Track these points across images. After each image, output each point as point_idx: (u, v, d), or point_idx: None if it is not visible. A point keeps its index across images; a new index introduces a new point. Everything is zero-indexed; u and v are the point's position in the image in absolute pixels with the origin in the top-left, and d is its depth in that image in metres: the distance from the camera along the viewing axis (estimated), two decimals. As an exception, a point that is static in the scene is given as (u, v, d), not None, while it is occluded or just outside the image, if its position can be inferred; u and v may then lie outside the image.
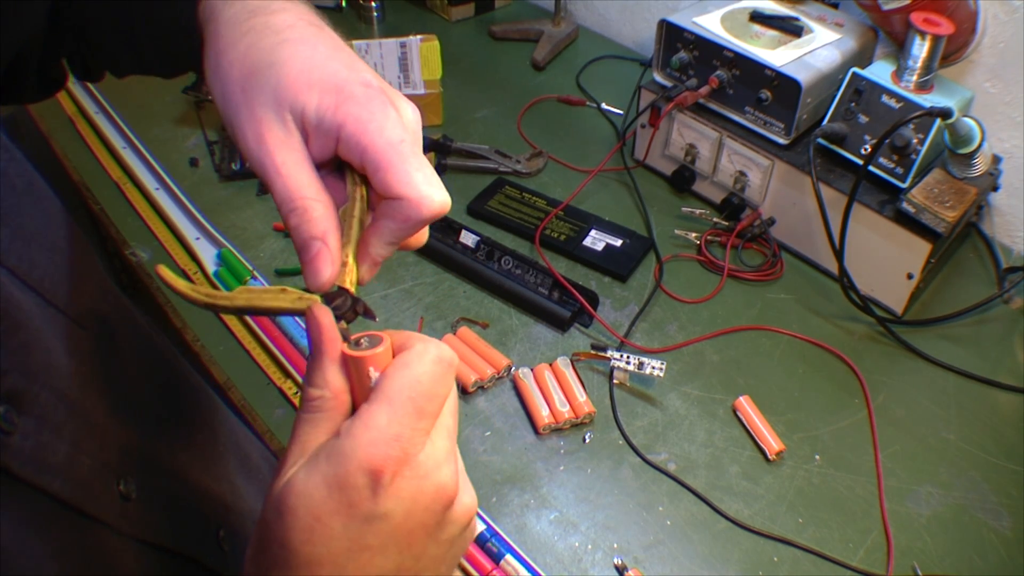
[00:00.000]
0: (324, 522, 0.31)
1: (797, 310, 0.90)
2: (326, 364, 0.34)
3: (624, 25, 1.37)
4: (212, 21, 0.40)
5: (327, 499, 0.31)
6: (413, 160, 0.35)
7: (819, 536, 0.69)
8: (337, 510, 0.31)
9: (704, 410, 0.79)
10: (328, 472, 0.31)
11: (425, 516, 0.32)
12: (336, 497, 0.31)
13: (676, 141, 1.02)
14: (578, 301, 0.86)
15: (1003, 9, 0.90)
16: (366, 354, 0.33)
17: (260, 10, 0.39)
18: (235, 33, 0.38)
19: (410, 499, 0.32)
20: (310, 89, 0.36)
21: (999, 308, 0.92)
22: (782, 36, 0.95)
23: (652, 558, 0.67)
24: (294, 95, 0.36)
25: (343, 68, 0.37)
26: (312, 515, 0.31)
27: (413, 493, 0.32)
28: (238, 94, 0.37)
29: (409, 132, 0.37)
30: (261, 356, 0.81)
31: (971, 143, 0.81)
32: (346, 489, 0.31)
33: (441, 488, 0.32)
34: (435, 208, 0.36)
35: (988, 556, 0.68)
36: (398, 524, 0.32)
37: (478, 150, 1.08)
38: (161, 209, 0.96)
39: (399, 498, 0.31)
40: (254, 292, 0.37)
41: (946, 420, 0.79)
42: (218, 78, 0.38)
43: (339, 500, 0.31)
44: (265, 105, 0.36)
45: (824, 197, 0.85)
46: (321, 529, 0.31)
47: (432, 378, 0.33)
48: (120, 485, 0.38)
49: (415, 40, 1.08)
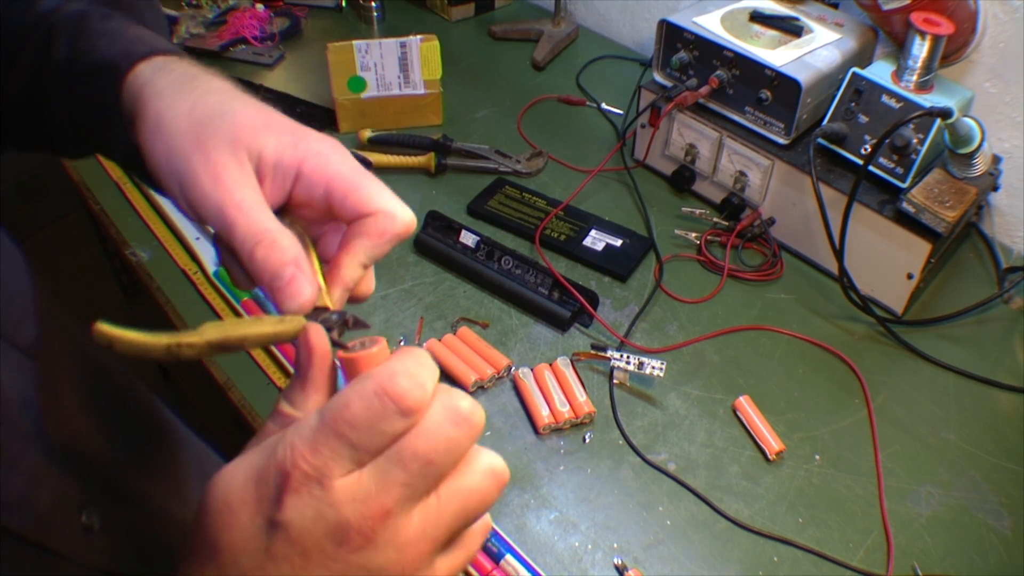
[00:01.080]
0: (232, 509, 0.30)
1: (797, 310, 0.90)
2: (309, 389, 0.33)
3: (624, 25, 1.37)
4: (147, 87, 0.39)
5: (242, 488, 0.30)
6: (377, 182, 0.38)
7: (819, 536, 0.69)
8: (246, 501, 0.30)
9: (704, 410, 0.79)
10: (252, 462, 0.30)
11: (326, 545, 0.29)
12: (250, 488, 0.30)
13: (676, 141, 1.02)
14: (578, 301, 0.86)
15: (1003, 9, 0.90)
16: (362, 355, 0.32)
17: (199, 77, 0.40)
18: (178, 93, 0.39)
19: (311, 519, 0.29)
20: (267, 131, 0.37)
21: (999, 308, 0.92)
22: (782, 36, 0.95)
23: (652, 558, 0.67)
24: (251, 137, 0.37)
25: (292, 119, 0.39)
26: (224, 500, 0.30)
27: (314, 514, 0.29)
28: (189, 143, 0.37)
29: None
30: (261, 356, 0.81)
31: (971, 143, 0.81)
32: (259, 484, 0.30)
33: (341, 524, 0.29)
34: (407, 221, 0.37)
35: (988, 556, 0.68)
36: (294, 539, 0.29)
37: (478, 150, 1.08)
38: (161, 209, 0.97)
39: (300, 512, 0.29)
40: (226, 324, 0.34)
41: (946, 420, 0.79)
42: (161, 134, 0.38)
43: (251, 492, 0.30)
44: (220, 148, 0.36)
45: (824, 197, 0.85)
46: (228, 515, 0.30)
47: (363, 406, 0.29)
48: (82, 517, 0.37)
49: (415, 40, 1.08)
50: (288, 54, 1.30)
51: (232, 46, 1.28)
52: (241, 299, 0.85)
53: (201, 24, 1.31)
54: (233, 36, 1.29)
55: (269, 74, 1.25)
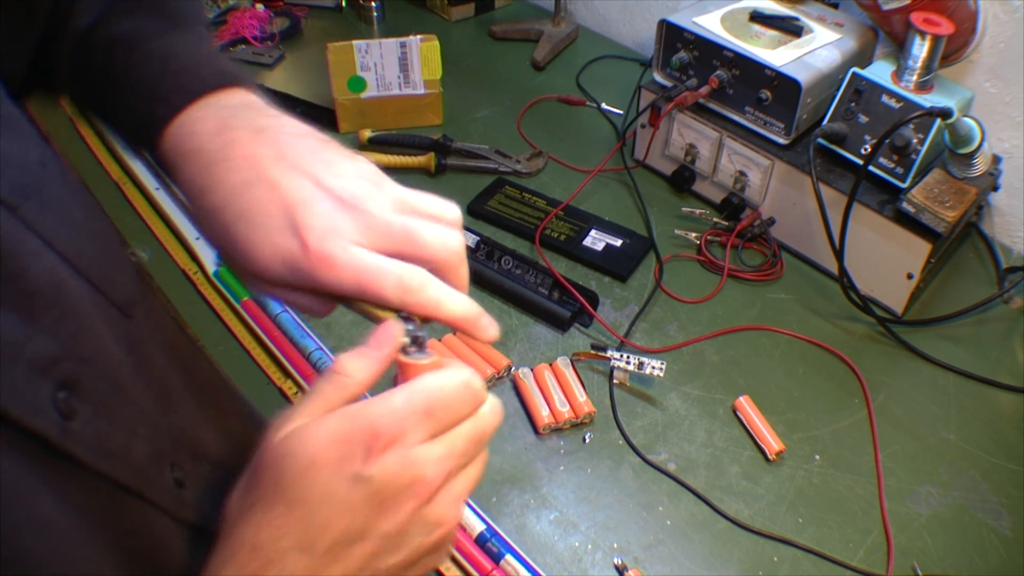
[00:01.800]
0: (317, 467, 0.33)
1: (797, 310, 0.90)
2: (375, 361, 0.38)
3: (624, 25, 1.37)
4: (182, 158, 0.41)
5: (326, 448, 0.34)
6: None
7: (819, 536, 0.69)
8: (330, 461, 0.34)
9: (704, 410, 0.79)
10: (334, 427, 0.34)
11: (400, 497, 0.35)
12: (334, 449, 0.34)
13: (676, 141, 1.02)
14: (578, 301, 0.86)
15: (1003, 9, 0.90)
16: (419, 363, 0.38)
17: (233, 142, 0.40)
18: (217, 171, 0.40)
19: (392, 474, 0.34)
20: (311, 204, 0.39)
21: (999, 308, 0.92)
22: (782, 36, 0.95)
23: (652, 558, 0.67)
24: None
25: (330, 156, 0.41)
26: (309, 458, 0.34)
27: (396, 471, 0.34)
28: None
29: (367, 183, 0.40)
30: (261, 356, 0.81)
31: (971, 143, 0.81)
32: (344, 444, 0.34)
33: (418, 479, 0.35)
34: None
35: (988, 556, 0.68)
36: (375, 491, 0.34)
37: (478, 150, 1.08)
38: (161, 209, 0.97)
39: (383, 468, 0.34)
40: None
41: (946, 420, 0.79)
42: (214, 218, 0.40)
43: (336, 452, 0.34)
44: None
45: (824, 197, 0.85)
46: (312, 473, 0.33)
47: (453, 392, 0.36)
48: (174, 471, 0.38)
49: (415, 40, 1.08)
50: (288, 54, 1.30)
51: (232, 46, 1.28)
52: (241, 299, 0.85)
53: (201, 24, 1.31)
54: (233, 36, 1.29)
55: (269, 74, 1.25)
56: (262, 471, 0.35)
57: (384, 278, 0.38)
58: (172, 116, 0.41)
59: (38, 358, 0.30)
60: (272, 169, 0.39)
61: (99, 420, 0.33)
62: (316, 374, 0.78)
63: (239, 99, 0.43)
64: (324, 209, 0.38)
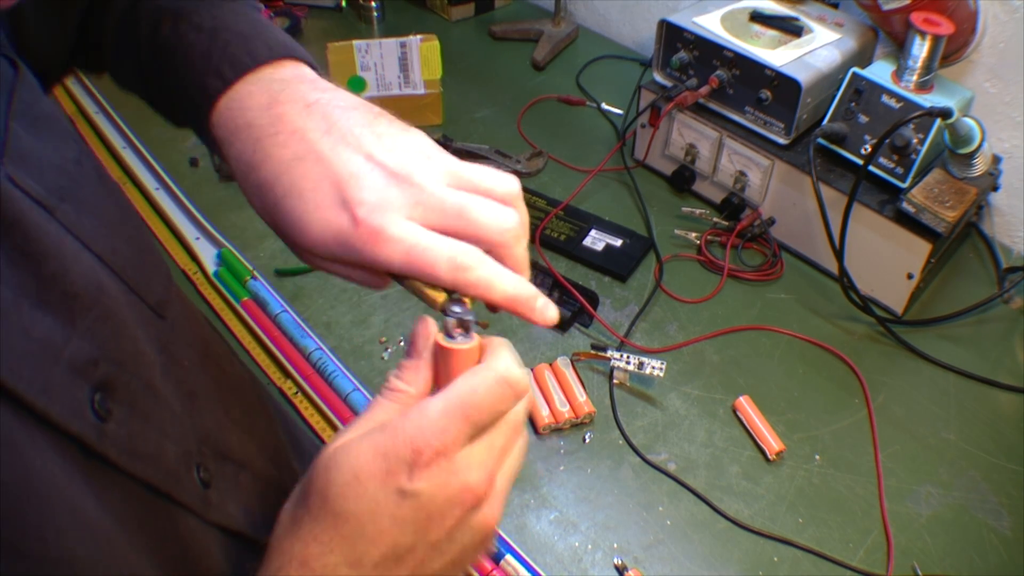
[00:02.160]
0: (361, 481, 0.33)
1: (797, 310, 0.90)
2: (420, 366, 0.38)
3: (624, 25, 1.37)
4: (229, 138, 0.40)
5: (370, 462, 0.34)
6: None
7: (819, 536, 0.69)
8: (375, 474, 0.33)
9: (704, 410, 0.79)
10: (378, 440, 0.34)
11: (446, 507, 0.34)
12: (378, 463, 0.33)
13: (676, 141, 1.02)
14: (578, 301, 0.86)
15: (1003, 9, 0.90)
16: (453, 347, 0.37)
17: (279, 120, 0.39)
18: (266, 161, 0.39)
19: (438, 486, 0.34)
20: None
21: (999, 308, 0.92)
22: (782, 36, 0.95)
23: (652, 558, 0.67)
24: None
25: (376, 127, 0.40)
26: (353, 472, 0.34)
27: (442, 482, 0.34)
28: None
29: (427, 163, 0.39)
30: (261, 356, 0.81)
31: (971, 143, 0.81)
32: (388, 458, 0.33)
33: (467, 488, 0.35)
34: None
35: (988, 556, 0.68)
36: (422, 505, 0.34)
37: (478, 150, 1.08)
38: (161, 209, 0.97)
39: (430, 481, 0.34)
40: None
41: (946, 420, 0.79)
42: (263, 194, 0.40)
43: (380, 466, 0.33)
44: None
45: (824, 197, 0.85)
46: (357, 487, 0.33)
47: (488, 392, 0.35)
48: (200, 472, 0.38)
49: (415, 40, 1.08)
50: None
51: (232, 46, 1.28)
52: (241, 299, 0.85)
53: (201, 24, 1.31)
54: (233, 36, 1.28)
55: (269, 74, 1.25)
56: (311, 483, 0.35)
57: (436, 255, 0.37)
58: (224, 89, 0.40)
59: (77, 360, 0.30)
60: (322, 142, 0.38)
61: (133, 422, 0.33)
62: (316, 374, 0.78)
63: (290, 72, 0.42)
64: (374, 183, 0.37)
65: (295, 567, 0.34)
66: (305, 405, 0.76)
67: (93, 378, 0.31)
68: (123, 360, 0.34)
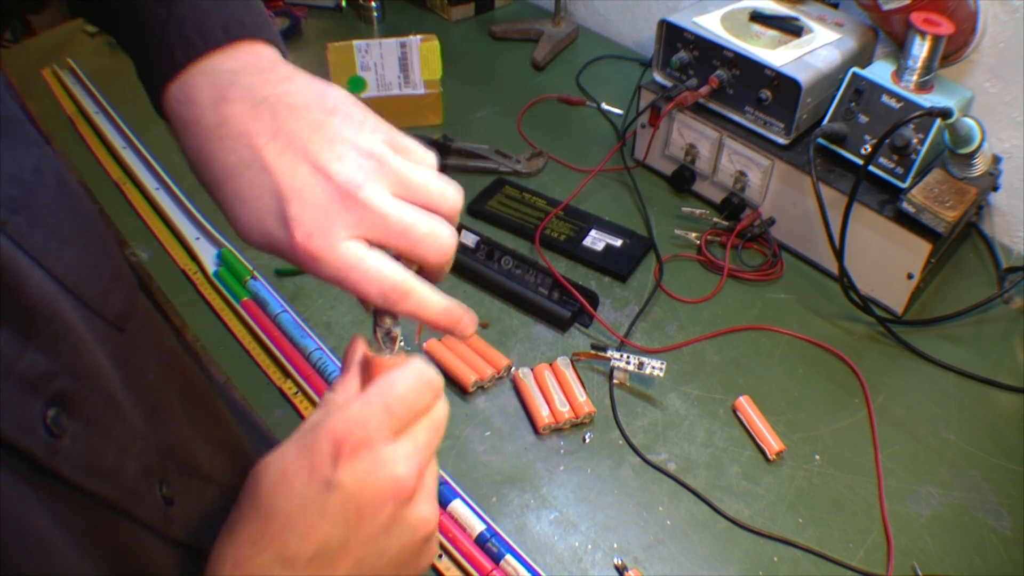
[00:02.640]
0: (288, 477, 0.34)
1: (797, 310, 0.90)
2: (350, 378, 0.40)
3: (624, 25, 1.37)
4: (185, 128, 0.40)
5: (294, 459, 0.35)
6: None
7: (819, 536, 0.69)
8: (300, 470, 0.34)
9: (704, 410, 0.79)
10: (301, 439, 0.35)
11: (376, 500, 0.35)
12: (302, 459, 0.35)
13: (676, 141, 1.02)
14: (578, 301, 0.86)
15: (1003, 9, 0.90)
16: (381, 359, 0.39)
17: (228, 117, 0.39)
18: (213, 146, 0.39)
19: (364, 476, 0.34)
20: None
21: (999, 308, 0.92)
22: (782, 36, 0.95)
23: (652, 558, 0.67)
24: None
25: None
26: (280, 471, 0.35)
27: (367, 471, 0.35)
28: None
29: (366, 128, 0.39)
30: (261, 356, 0.81)
31: (971, 143, 0.81)
32: (311, 453, 0.34)
33: (394, 480, 0.35)
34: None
35: (988, 556, 0.68)
36: (349, 496, 0.34)
37: (478, 150, 1.08)
38: (161, 209, 0.97)
39: (354, 472, 0.34)
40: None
41: (946, 420, 0.79)
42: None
43: (304, 462, 0.34)
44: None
45: (824, 197, 0.85)
46: (284, 484, 0.34)
47: (407, 385, 0.37)
48: (163, 488, 0.38)
49: (415, 40, 1.08)
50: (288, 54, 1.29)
51: (232, 46, 1.28)
52: (241, 299, 0.85)
53: (201, 24, 1.31)
54: (233, 36, 1.28)
55: (269, 74, 1.25)
56: (244, 490, 0.36)
57: (368, 285, 0.38)
58: (173, 76, 0.39)
59: (30, 374, 0.30)
60: (267, 149, 0.37)
61: (90, 437, 0.32)
62: (316, 374, 0.78)
63: (244, 59, 0.40)
64: (316, 201, 0.37)
65: (229, 567, 0.34)
66: (305, 405, 0.76)
67: (48, 392, 0.31)
68: (82, 374, 0.33)
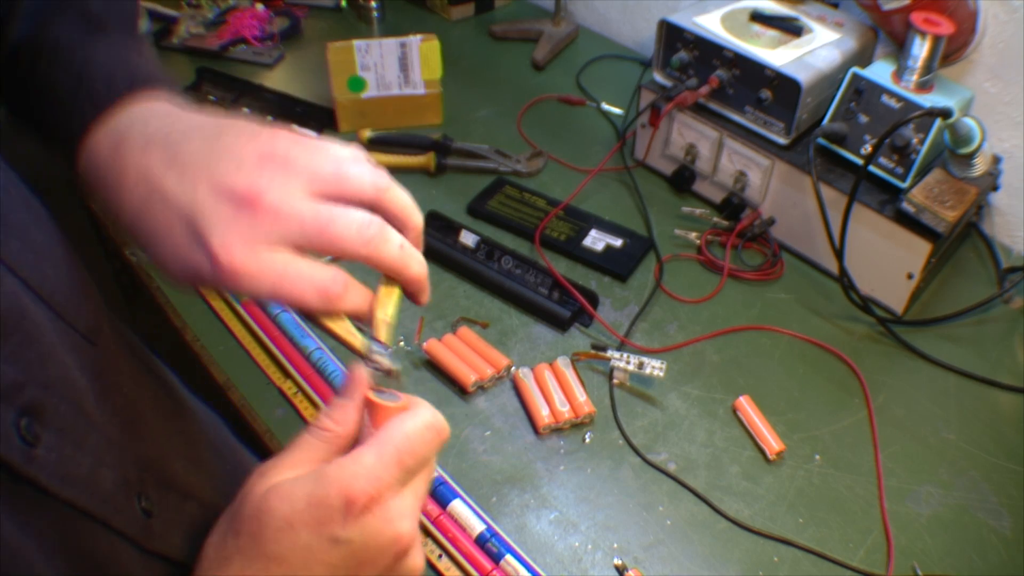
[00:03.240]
0: (295, 528, 0.34)
1: (797, 310, 0.90)
2: (350, 408, 0.38)
3: (624, 25, 1.37)
4: (100, 177, 0.39)
5: (304, 511, 0.34)
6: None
7: (819, 536, 0.69)
8: (308, 522, 0.34)
9: (704, 410, 0.79)
10: (312, 489, 0.34)
11: (377, 555, 0.35)
12: (312, 511, 0.34)
13: (676, 141, 1.02)
14: (578, 301, 0.86)
15: (1003, 9, 0.90)
16: (387, 405, 0.38)
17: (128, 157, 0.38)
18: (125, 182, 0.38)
19: (371, 534, 0.35)
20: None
21: (999, 308, 0.92)
22: (782, 36, 0.95)
23: (652, 558, 0.67)
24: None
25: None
26: (287, 519, 0.34)
27: (375, 531, 0.35)
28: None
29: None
30: (261, 356, 0.81)
31: (971, 143, 0.81)
32: (322, 507, 0.34)
33: (398, 537, 0.35)
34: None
35: (988, 556, 0.68)
36: (354, 552, 0.35)
37: (478, 150, 1.08)
38: (161, 209, 0.96)
39: (363, 530, 0.34)
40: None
41: (946, 420, 0.79)
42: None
43: (313, 515, 0.34)
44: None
45: (824, 197, 0.85)
46: (290, 534, 0.34)
47: (420, 438, 0.36)
48: (141, 501, 0.38)
49: (415, 40, 1.08)
50: (288, 54, 1.30)
51: (232, 46, 1.28)
52: (241, 300, 0.85)
53: (201, 24, 1.31)
54: (233, 36, 1.28)
55: (269, 74, 1.25)
56: (242, 522, 0.35)
57: (302, 289, 0.36)
58: (79, 143, 0.39)
59: (0, 384, 0.30)
60: (165, 179, 0.36)
61: (64, 447, 0.32)
62: (316, 374, 0.78)
63: (139, 107, 0.40)
64: (223, 216, 0.35)
65: None
66: (305, 405, 0.76)
67: (19, 402, 0.30)
68: (51, 385, 0.33)
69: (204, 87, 1.11)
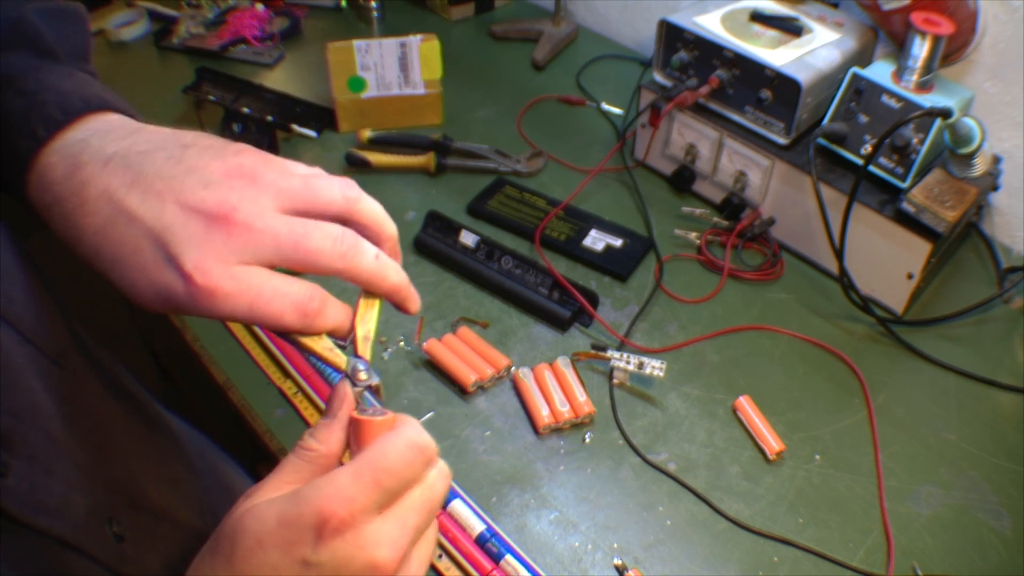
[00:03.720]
0: (265, 549, 0.33)
1: (797, 310, 0.90)
2: (335, 427, 0.37)
3: (624, 25, 1.37)
4: (50, 207, 0.37)
5: (274, 531, 0.33)
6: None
7: (819, 536, 0.69)
8: (279, 543, 0.33)
9: (704, 410, 0.79)
10: (284, 509, 0.33)
11: None
12: (282, 532, 0.33)
13: (676, 141, 1.02)
14: (578, 301, 0.86)
15: (1003, 9, 0.90)
16: (373, 420, 0.37)
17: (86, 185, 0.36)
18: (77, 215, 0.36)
19: (343, 560, 0.33)
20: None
21: (999, 308, 0.92)
22: (782, 36, 0.95)
23: (652, 558, 0.67)
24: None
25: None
26: (257, 539, 0.33)
27: (347, 556, 0.33)
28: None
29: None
30: (261, 356, 0.81)
31: (971, 143, 0.81)
32: (293, 528, 0.33)
33: (373, 564, 0.33)
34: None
35: (988, 556, 0.68)
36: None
37: (478, 150, 1.08)
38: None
39: (334, 554, 0.33)
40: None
41: (946, 420, 0.79)
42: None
43: (284, 535, 0.33)
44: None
45: (824, 197, 0.85)
46: (260, 553, 0.33)
47: (400, 458, 0.34)
48: (113, 526, 0.37)
49: (415, 40, 1.08)
50: (288, 54, 1.30)
51: (232, 46, 1.28)
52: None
53: (201, 24, 1.31)
54: (233, 36, 1.29)
55: (269, 74, 1.25)
56: (219, 542, 0.34)
57: (280, 307, 0.35)
58: (28, 167, 0.37)
59: None
60: (128, 199, 0.34)
61: (35, 475, 0.32)
62: (316, 374, 0.78)
63: (94, 126, 0.38)
64: (194, 233, 0.33)
65: None
66: (305, 405, 0.76)
67: None
68: (19, 412, 0.32)
69: (204, 87, 1.11)
